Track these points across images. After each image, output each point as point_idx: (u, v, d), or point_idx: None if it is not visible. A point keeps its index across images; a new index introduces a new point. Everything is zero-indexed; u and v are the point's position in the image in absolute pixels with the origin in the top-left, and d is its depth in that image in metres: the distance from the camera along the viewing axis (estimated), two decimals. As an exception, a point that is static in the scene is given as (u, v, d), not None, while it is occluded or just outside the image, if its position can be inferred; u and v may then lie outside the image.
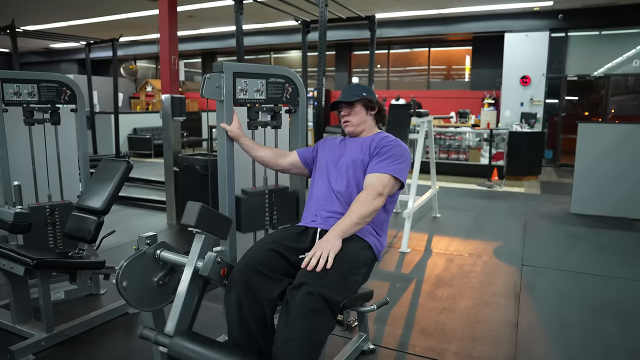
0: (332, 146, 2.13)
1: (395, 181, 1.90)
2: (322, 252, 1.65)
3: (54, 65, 16.39)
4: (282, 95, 2.22)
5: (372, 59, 5.76)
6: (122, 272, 1.71)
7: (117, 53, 7.48)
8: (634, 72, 9.09)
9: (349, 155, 2.01)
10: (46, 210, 2.82)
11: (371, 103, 2.10)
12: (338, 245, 1.69)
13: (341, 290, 1.63)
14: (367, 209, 1.77)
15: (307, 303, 1.53)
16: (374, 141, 2.00)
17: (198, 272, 1.71)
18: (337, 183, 1.97)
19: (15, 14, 8.76)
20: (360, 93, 2.08)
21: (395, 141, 2.00)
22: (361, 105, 2.08)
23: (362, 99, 2.07)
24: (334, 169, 2.02)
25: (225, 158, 1.96)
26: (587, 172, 5.33)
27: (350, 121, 2.08)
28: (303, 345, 1.52)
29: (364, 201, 1.79)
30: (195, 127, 12.31)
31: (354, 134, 2.10)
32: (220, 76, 1.92)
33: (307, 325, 1.53)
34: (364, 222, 1.79)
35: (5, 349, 2.15)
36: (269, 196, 2.20)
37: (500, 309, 2.83)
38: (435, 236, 4.42)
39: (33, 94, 2.82)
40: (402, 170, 1.92)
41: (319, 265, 1.61)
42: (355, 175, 1.96)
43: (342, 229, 1.73)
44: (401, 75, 12.16)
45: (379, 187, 1.83)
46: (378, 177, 1.88)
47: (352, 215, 1.77)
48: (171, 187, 4.76)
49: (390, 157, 1.92)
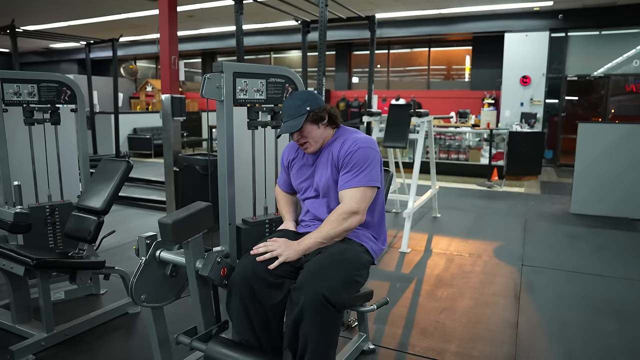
0: (301, 169, 2.04)
1: (370, 190, 1.83)
2: (275, 251, 1.72)
3: (54, 65, 16.38)
4: (282, 95, 2.21)
5: (372, 59, 5.76)
6: (135, 289, 1.74)
7: (117, 53, 7.48)
8: (634, 72, 9.09)
9: (320, 178, 1.93)
10: (46, 210, 2.82)
11: (318, 115, 1.90)
12: (292, 258, 1.73)
13: (344, 290, 1.64)
14: (335, 231, 1.76)
15: (312, 305, 1.54)
16: (337, 152, 1.89)
17: (199, 273, 1.72)
18: (320, 208, 1.94)
19: (15, 14, 8.76)
20: (303, 109, 1.87)
21: (355, 143, 1.86)
22: (310, 124, 1.90)
23: (307, 118, 1.88)
24: (313, 194, 1.98)
25: (225, 158, 1.96)
26: (587, 172, 5.33)
27: (307, 142, 1.92)
28: (317, 344, 1.56)
29: (332, 222, 1.77)
30: (195, 127, 12.31)
31: (315, 152, 1.96)
32: (220, 76, 1.91)
33: (315, 324, 1.55)
34: (330, 242, 1.78)
35: (5, 349, 2.14)
36: (269, 225, 2.21)
37: (500, 309, 2.83)
38: (435, 236, 4.42)
39: (33, 94, 2.82)
40: (371, 174, 1.83)
41: (263, 256, 1.70)
42: (335, 197, 1.90)
43: (306, 246, 1.76)
44: (401, 75, 12.16)
45: (351, 205, 1.78)
46: (349, 194, 1.80)
47: (319, 235, 1.77)
48: (171, 187, 4.76)
49: (355, 166, 1.82)
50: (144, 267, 1.77)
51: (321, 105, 1.94)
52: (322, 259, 1.69)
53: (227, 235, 1.96)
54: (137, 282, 1.74)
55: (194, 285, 1.75)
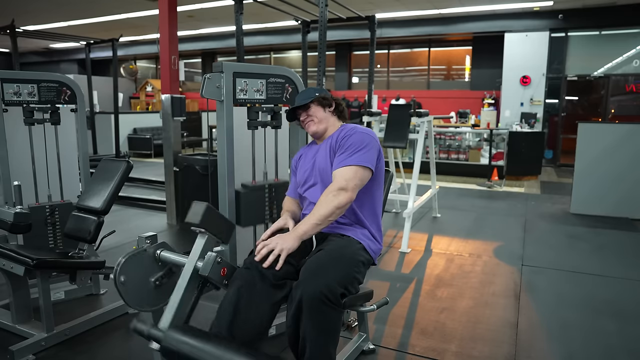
0: (305, 161, 2.08)
1: (362, 169, 1.83)
2: (275, 248, 1.68)
3: (54, 65, 16.38)
4: (282, 95, 2.22)
5: (372, 59, 5.76)
6: (121, 267, 1.71)
7: (117, 53, 7.47)
8: (634, 72, 9.09)
9: (320, 164, 1.97)
10: (46, 210, 2.82)
11: (326, 100, 2.05)
12: (294, 247, 1.71)
13: (343, 287, 1.63)
14: (326, 209, 1.74)
15: (311, 303, 1.54)
16: (335, 138, 1.96)
17: (198, 272, 1.71)
18: (319, 195, 1.92)
19: (15, 14, 8.76)
20: (313, 94, 2.03)
21: (354, 129, 1.94)
22: (316, 105, 2.03)
23: (316, 98, 2.02)
24: (312, 182, 2.00)
25: (225, 158, 1.96)
26: (587, 172, 5.33)
27: (311, 119, 2.02)
28: (319, 342, 1.56)
29: (323, 201, 1.77)
30: (195, 127, 12.32)
31: (317, 132, 2.04)
32: (220, 76, 1.92)
33: (317, 322, 1.55)
34: (325, 222, 1.77)
35: (5, 349, 2.14)
36: (269, 190, 2.19)
37: (500, 309, 2.83)
38: (435, 236, 4.42)
39: (33, 94, 2.82)
40: (365, 156, 1.84)
41: (267, 261, 1.66)
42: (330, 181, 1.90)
43: (302, 231, 1.74)
44: (401, 75, 12.16)
45: (341, 181, 1.78)
46: (341, 171, 1.82)
47: (312, 217, 1.75)
48: (171, 187, 4.77)
49: (349, 147, 1.86)
50: (141, 252, 1.76)
51: (330, 96, 2.08)
52: (321, 256, 1.70)
53: None
54: (127, 262, 1.72)
55: (185, 281, 1.68)
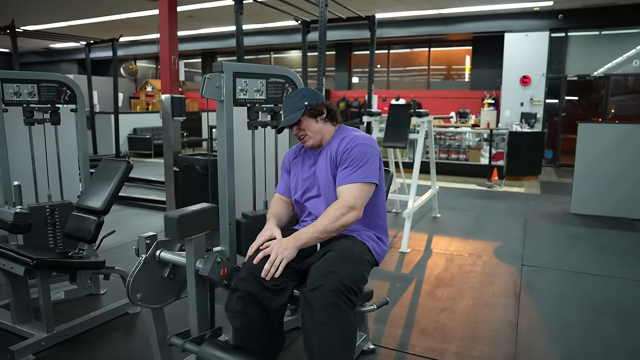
0: (302, 167, 2.02)
1: (368, 186, 1.81)
2: (275, 257, 1.68)
3: (54, 65, 16.38)
4: (282, 95, 2.21)
5: (372, 59, 5.76)
6: (132, 287, 1.72)
7: (117, 53, 7.48)
8: (634, 72, 9.09)
9: (321, 176, 1.92)
10: (46, 210, 2.82)
11: (316, 109, 1.92)
12: (292, 256, 1.70)
13: (355, 285, 1.64)
14: (332, 226, 1.73)
15: (327, 303, 1.54)
16: (335, 149, 1.89)
17: (199, 273, 1.72)
18: (322, 208, 1.89)
19: (15, 14, 8.76)
20: (301, 104, 1.91)
21: (354, 140, 1.86)
22: (307, 117, 1.92)
23: (306, 111, 1.90)
24: (314, 194, 1.97)
25: (225, 158, 1.96)
26: (587, 172, 5.33)
27: (306, 135, 1.94)
28: (340, 342, 1.55)
29: (330, 216, 1.74)
30: (195, 127, 12.31)
31: (314, 145, 1.96)
32: (220, 76, 1.91)
33: (336, 322, 1.54)
34: (327, 236, 1.77)
35: (5, 349, 2.14)
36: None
37: (500, 309, 2.83)
38: (435, 236, 4.41)
39: (33, 94, 2.82)
40: (369, 171, 1.81)
41: (269, 274, 1.65)
42: (334, 195, 1.87)
43: (303, 241, 1.73)
44: (401, 75, 12.16)
45: (349, 200, 1.76)
46: (347, 189, 1.79)
47: (316, 229, 1.74)
48: (171, 187, 4.76)
49: (353, 162, 1.81)
50: (143, 265, 1.77)
51: (320, 100, 1.95)
52: (330, 257, 1.69)
53: (227, 235, 1.96)
54: (134, 281, 1.73)
55: (192, 286, 1.74)
